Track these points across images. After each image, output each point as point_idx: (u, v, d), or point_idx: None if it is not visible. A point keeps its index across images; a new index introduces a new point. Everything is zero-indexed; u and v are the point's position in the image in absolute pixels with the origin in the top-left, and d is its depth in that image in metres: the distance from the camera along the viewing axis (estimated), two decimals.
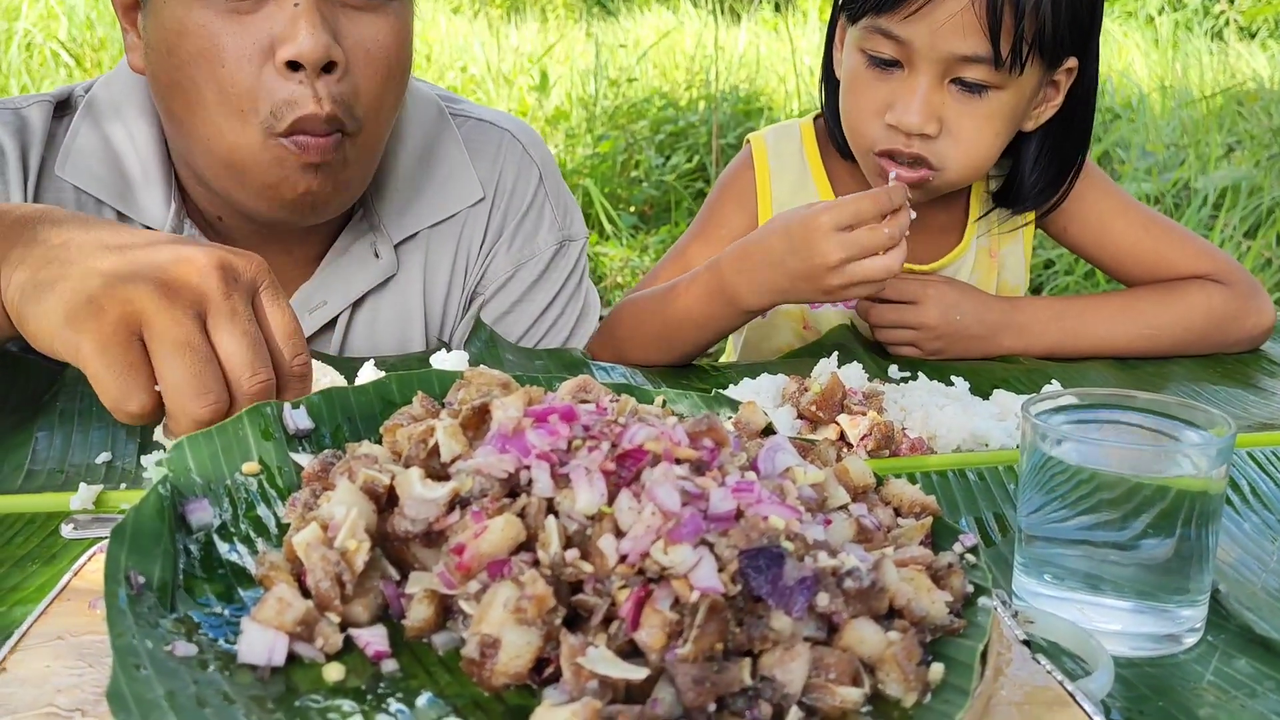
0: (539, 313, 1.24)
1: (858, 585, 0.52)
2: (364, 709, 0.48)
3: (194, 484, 0.59)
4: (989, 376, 1.11)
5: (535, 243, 1.24)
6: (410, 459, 0.58)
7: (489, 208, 1.22)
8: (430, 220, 1.19)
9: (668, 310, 1.17)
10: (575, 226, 1.27)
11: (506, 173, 1.23)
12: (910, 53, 1.13)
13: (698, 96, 5.14)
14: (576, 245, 1.27)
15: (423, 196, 1.19)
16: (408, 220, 1.18)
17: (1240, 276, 1.27)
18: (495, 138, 1.25)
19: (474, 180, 1.21)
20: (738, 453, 0.60)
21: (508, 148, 1.24)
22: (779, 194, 1.36)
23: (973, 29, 1.10)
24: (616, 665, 0.48)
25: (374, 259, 1.16)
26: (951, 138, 1.16)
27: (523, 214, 1.24)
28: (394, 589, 0.55)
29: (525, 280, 1.24)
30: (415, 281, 1.19)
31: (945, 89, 1.14)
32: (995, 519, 0.78)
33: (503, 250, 1.23)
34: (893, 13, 1.12)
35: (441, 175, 1.20)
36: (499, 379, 0.66)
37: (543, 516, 0.54)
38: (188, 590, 0.54)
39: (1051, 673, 0.55)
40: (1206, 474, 0.61)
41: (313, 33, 0.94)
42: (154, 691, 0.45)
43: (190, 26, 0.96)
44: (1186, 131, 4.49)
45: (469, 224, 1.21)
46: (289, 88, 0.96)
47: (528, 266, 1.23)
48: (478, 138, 1.24)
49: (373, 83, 1.01)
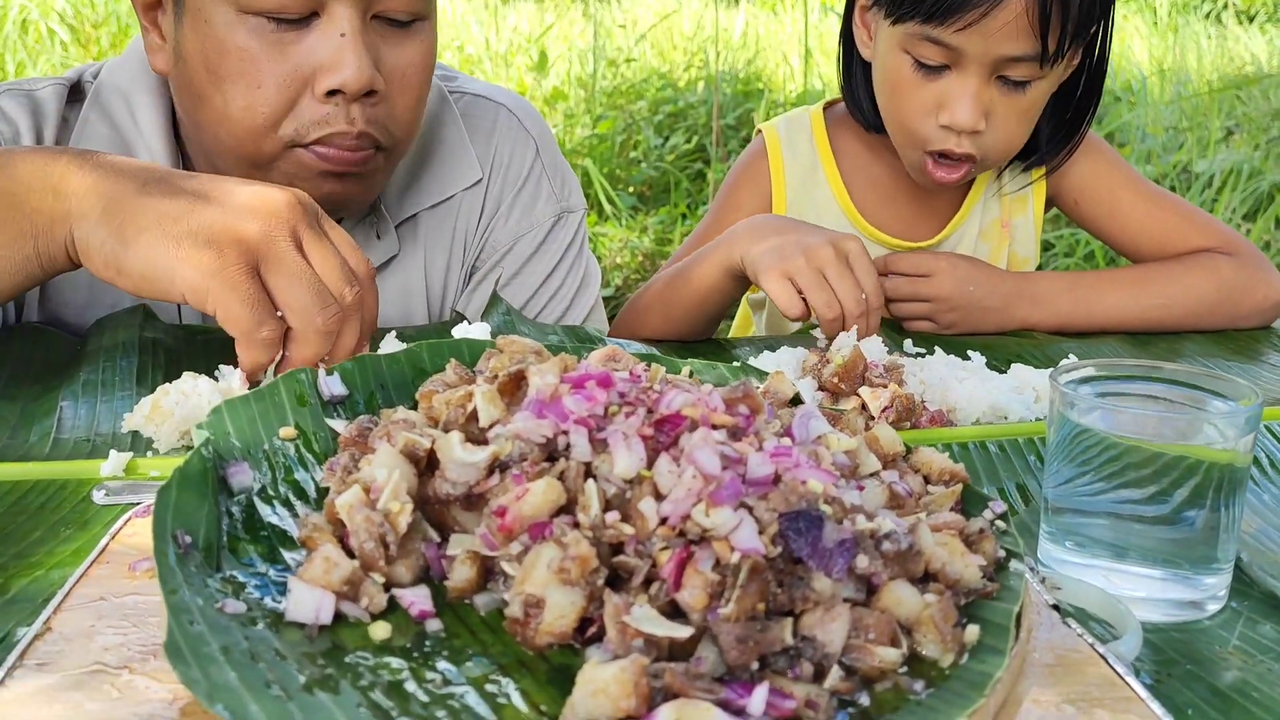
0: (539, 284, 1.25)
1: (895, 548, 0.53)
2: (412, 666, 0.49)
3: (233, 448, 0.60)
4: (1004, 351, 1.12)
5: (533, 215, 1.25)
6: (449, 423, 0.59)
7: (486, 184, 1.23)
8: (429, 202, 1.20)
9: (679, 287, 1.18)
10: (573, 198, 1.28)
11: (502, 148, 1.24)
12: (959, 56, 1.15)
13: (696, 77, 5.13)
14: (575, 217, 1.27)
15: (422, 180, 1.20)
16: (407, 203, 1.19)
17: (1247, 250, 1.29)
18: (491, 113, 1.25)
19: (472, 161, 1.22)
20: (772, 420, 0.61)
21: (504, 123, 1.25)
22: (792, 181, 1.37)
23: (1024, 32, 1.12)
24: (662, 624, 0.48)
25: (375, 240, 1.17)
26: (994, 130, 1.19)
27: (519, 188, 1.24)
28: (435, 551, 0.56)
29: (523, 252, 1.24)
30: (416, 260, 1.21)
31: (992, 85, 1.17)
32: (1018, 489, 0.79)
33: (500, 224, 1.24)
34: (945, 25, 1.13)
35: (440, 157, 1.21)
36: (531, 346, 0.67)
37: (582, 480, 0.55)
38: (232, 551, 0.55)
39: (1082, 636, 0.56)
40: (1234, 443, 0.62)
41: (358, 63, 0.96)
42: (209, 645, 0.46)
43: (231, 47, 0.96)
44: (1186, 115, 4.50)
45: (466, 201, 1.22)
46: (323, 110, 0.98)
47: (526, 238, 1.24)
48: (474, 113, 1.24)
49: (407, 103, 1.03)
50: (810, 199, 1.37)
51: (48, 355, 0.97)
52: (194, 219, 0.77)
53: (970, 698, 0.48)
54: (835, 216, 1.36)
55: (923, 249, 1.34)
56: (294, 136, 0.98)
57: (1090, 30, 1.17)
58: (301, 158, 0.99)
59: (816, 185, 1.37)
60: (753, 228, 1.12)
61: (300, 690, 0.45)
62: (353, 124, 0.98)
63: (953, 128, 1.17)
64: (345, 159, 0.99)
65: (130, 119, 1.10)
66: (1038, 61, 1.14)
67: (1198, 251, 1.29)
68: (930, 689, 0.49)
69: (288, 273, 0.77)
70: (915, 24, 1.15)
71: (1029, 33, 1.12)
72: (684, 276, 1.17)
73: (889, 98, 1.24)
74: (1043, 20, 1.11)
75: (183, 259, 0.76)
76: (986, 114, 1.17)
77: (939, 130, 1.19)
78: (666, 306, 1.19)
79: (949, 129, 1.18)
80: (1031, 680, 0.53)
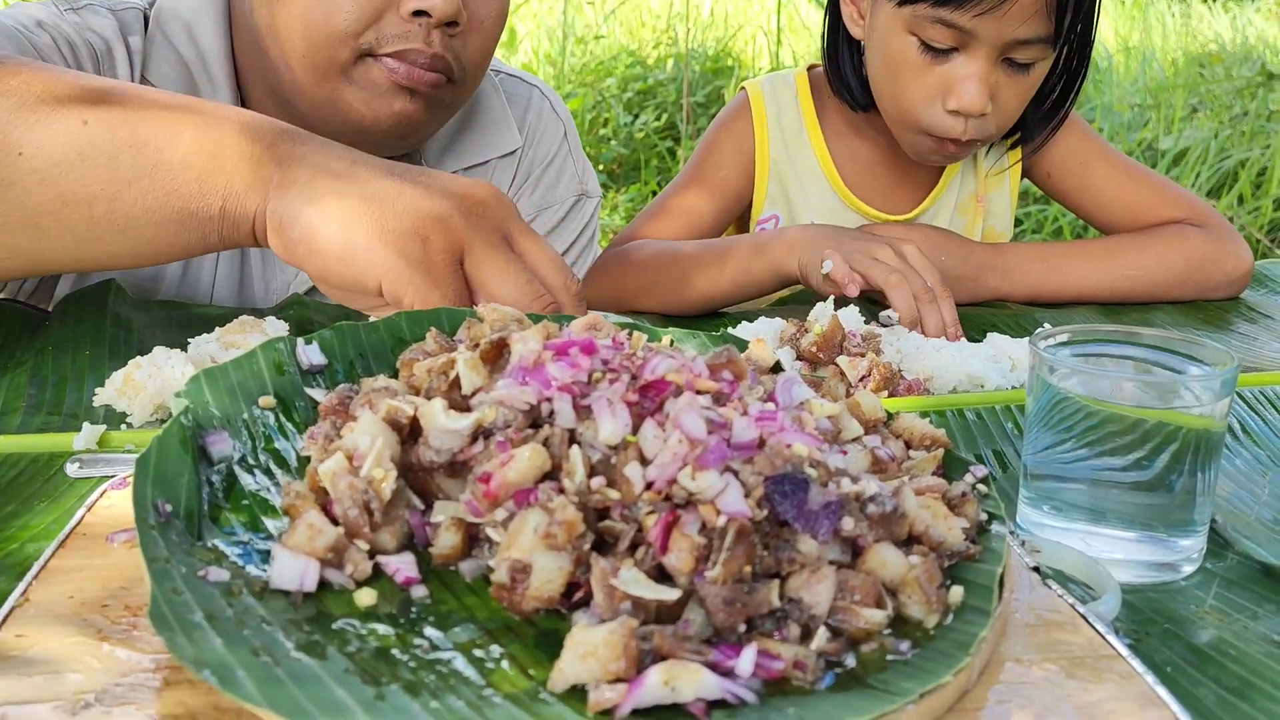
0: None
1: (880, 510, 0.53)
2: (399, 632, 0.48)
3: (212, 417, 0.59)
4: (978, 322, 1.13)
5: (556, 191, 1.29)
6: (431, 391, 0.59)
7: (520, 154, 1.27)
8: (468, 162, 1.23)
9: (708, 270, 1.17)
10: (591, 185, 1.32)
11: (535, 124, 1.29)
12: (970, 39, 1.13)
13: (666, 55, 5.11)
14: (592, 203, 1.31)
15: (464, 140, 1.23)
16: (448, 160, 1.22)
17: (1217, 221, 1.30)
18: (526, 91, 1.31)
19: (513, 130, 1.26)
20: (755, 386, 0.61)
21: (537, 102, 1.30)
22: (775, 141, 1.36)
23: (1040, 14, 1.11)
24: (650, 587, 0.48)
25: None
26: (997, 112, 1.18)
27: (547, 164, 1.29)
28: (419, 518, 0.55)
29: (543, 227, 1.28)
30: None
31: (998, 68, 1.16)
32: (995, 456, 0.80)
33: (526, 195, 1.27)
34: (963, 9, 1.11)
35: (483, 122, 1.25)
36: (513, 315, 0.66)
37: (566, 446, 0.55)
38: (213, 520, 0.54)
39: (1062, 597, 0.57)
40: (1210, 407, 0.62)
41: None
42: (193, 613, 0.45)
43: None
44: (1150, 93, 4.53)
45: (501, 168, 1.26)
46: (405, 27, 0.99)
47: (547, 213, 1.28)
48: (511, 89, 1.29)
49: (480, 44, 1.06)
50: (793, 165, 1.36)
51: (16, 330, 0.96)
52: (401, 202, 0.71)
53: (956, 657, 0.48)
54: (820, 186, 1.36)
55: (900, 222, 1.34)
56: (371, 45, 1.00)
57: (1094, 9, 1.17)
58: (373, 69, 1.01)
59: (802, 151, 1.36)
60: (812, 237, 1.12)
61: (288, 656, 0.45)
62: (430, 44, 1.00)
63: (961, 112, 1.16)
64: (417, 76, 1.01)
65: (193, 48, 1.09)
66: (1049, 44, 1.13)
67: (1168, 223, 1.30)
68: (916, 649, 0.50)
69: (497, 263, 0.73)
70: (926, 6, 1.13)
71: (1044, 15, 1.11)
72: (723, 268, 1.16)
73: (890, 81, 1.21)
74: (1060, 2, 1.10)
75: (386, 243, 0.70)
76: (992, 96, 1.16)
77: (945, 115, 1.17)
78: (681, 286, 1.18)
79: (956, 113, 1.16)
80: (1014, 641, 0.53)
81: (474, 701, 0.44)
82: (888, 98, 1.24)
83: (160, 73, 1.08)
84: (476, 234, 0.73)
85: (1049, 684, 0.50)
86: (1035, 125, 1.29)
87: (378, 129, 1.05)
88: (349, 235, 0.71)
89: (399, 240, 0.70)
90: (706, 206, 1.33)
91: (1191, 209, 1.31)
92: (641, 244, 1.26)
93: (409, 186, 0.73)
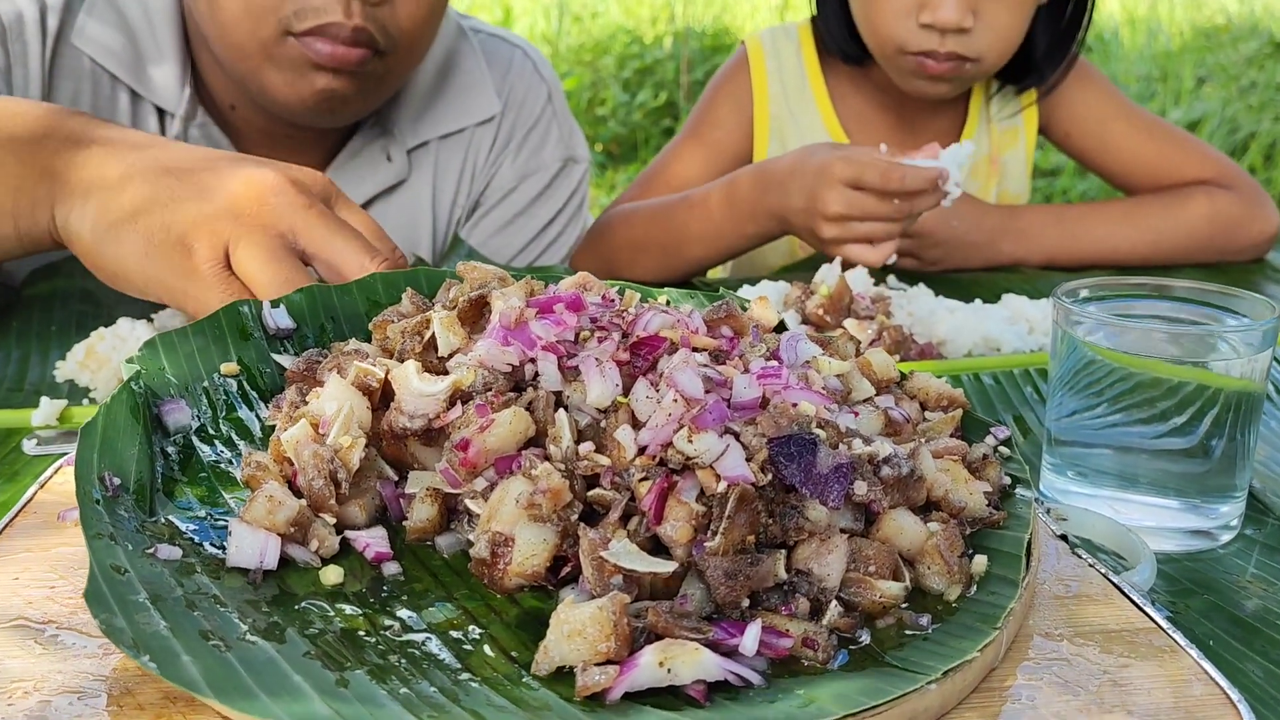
0: (540, 228, 1.23)
1: (895, 473, 0.49)
2: (368, 612, 0.44)
3: (169, 384, 0.55)
4: (991, 287, 1.08)
5: (541, 156, 1.23)
6: (404, 352, 0.54)
7: (499, 119, 1.21)
8: (444, 129, 1.18)
9: (676, 222, 1.12)
10: (579, 149, 1.26)
11: (518, 86, 1.23)
12: None
13: (664, 33, 5.05)
14: (579, 168, 1.26)
15: (438, 106, 1.18)
16: (423, 127, 1.17)
17: (1245, 182, 1.24)
18: (507, 53, 1.24)
19: (491, 96, 1.20)
20: (757, 343, 0.56)
21: (519, 63, 1.24)
22: (776, 98, 1.31)
23: None
24: (643, 559, 0.44)
25: (385, 162, 1.15)
26: (986, 26, 1.13)
27: (530, 127, 1.23)
28: (392, 490, 0.51)
29: (529, 193, 1.22)
30: (425, 187, 1.18)
31: None
32: (1015, 422, 0.75)
33: (508, 160, 1.22)
34: None
35: (459, 86, 1.19)
36: (495, 273, 0.62)
37: (551, 410, 0.50)
38: (167, 494, 0.50)
39: (1093, 566, 0.52)
40: (1251, 361, 0.58)
41: None
42: (137, 593, 0.41)
43: None
44: (1158, 65, 4.46)
45: (479, 134, 1.20)
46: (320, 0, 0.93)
47: (532, 180, 1.22)
48: (491, 51, 1.23)
49: (413, 12, 0.99)
50: (795, 121, 1.31)
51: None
52: (167, 213, 0.69)
53: (982, 631, 0.44)
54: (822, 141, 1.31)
55: None
56: (287, 21, 0.94)
57: None
58: (292, 48, 0.95)
59: (804, 106, 1.31)
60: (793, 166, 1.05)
61: (240, 640, 0.40)
62: (350, 16, 0.93)
63: (936, 25, 1.11)
64: (338, 55, 0.95)
65: (138, 5, 1.04)
66: None
67: (1193, 183, 1.25)
68: (937, 624, 0.45)
69: (327, 228, 0.70)
70: None
71: None
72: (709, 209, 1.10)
73: (862, 4, 1.17)
74: None
75: (152, 258, 0.69)
76: (974, 10, 1.11)
77: (919, 30, 1.12)
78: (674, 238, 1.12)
79: (929, 28, 1.12)
80: (1042, 613, 0.49)
81: (448, 687, 0.40)
82: (863, 20, 1.19)
83: (93, 36, 1.03)
84: (241, 236, 0.68)
85: (1083, 660, 0.45)
86: (1047, 63, 1.24)
87: (303, 109, 1.00)
88: (118, 255, 0.70)
89: (164, 254, 0.69)
90: (702, 168, 1.28)
91: (1219, 169, 1.25)
92: (627, 207, 1.21)
93: (181, 190, 0.70)
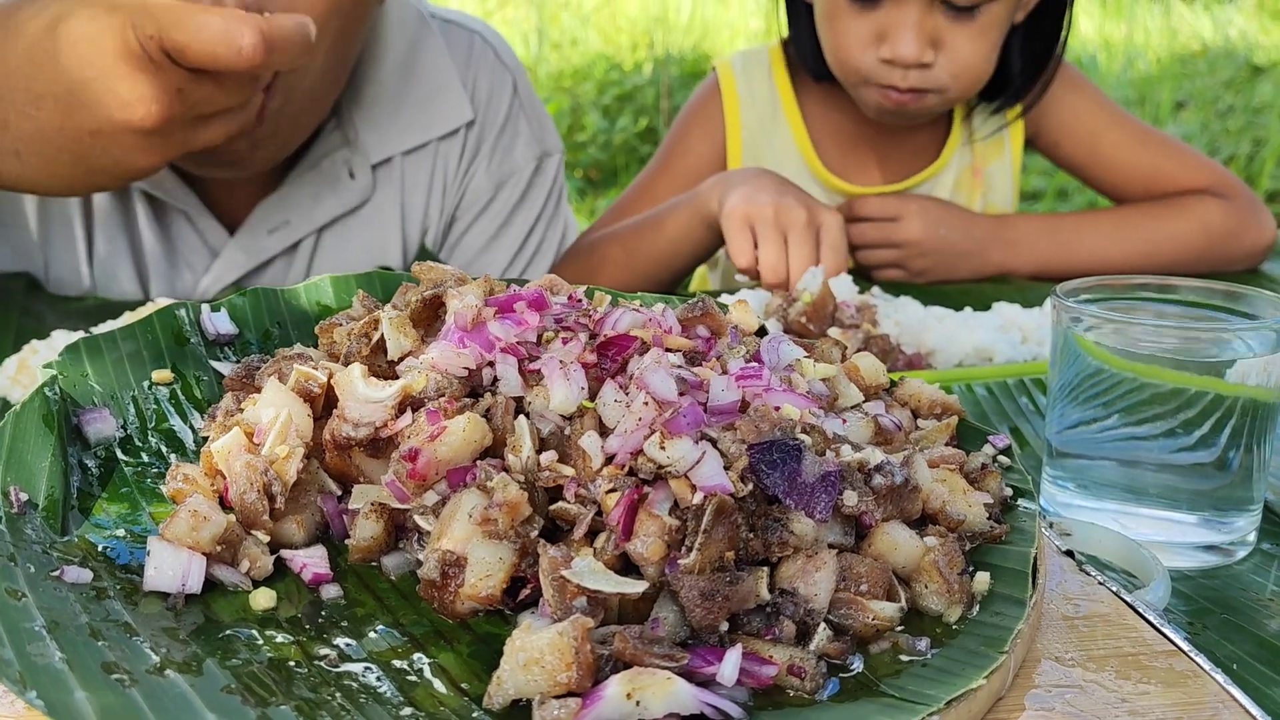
0: (522, 238, 1.14)
1: (888, 483, 0.44)
2: (301, 640, 0.39)
3: (92, 392, 0.50)
4: (981, 298, 1.04)
5: (514, 157, 1.14)
6: (350, 355, 0.49)
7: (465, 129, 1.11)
8: (414, 141, 1.07)
9: (647, 235, 1.10)
10: (550, 139, 1.17)
11: (481, 82, 1.12)
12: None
13: (643, 59, 5.04)
14: (554, 160, 1.17)
15: (405, 113, 1.07)
16: (390, 138, 1.06)
17: (1241, 191, 1.21)
18: (465, 41, 1.13)
19: (460, 97, 1.10)
20: (736, 344, 0.52)
21: (479, 53, 1.13)
22: (749, 123, 1.28)
23: None
24: (610, 579, 0.39)
25: (348, 179, 1.04)
26: (949, 59, 1.10)
27: (500, 128, 1.13)
28: (334, 505, 0.46)
29: (507, 202, 1.13)
30: (392, 207, 1.08)
31: (935, 11, 1.08)
32: (1011, 434, 0.71)
33: (482, 167, 1.12)
34: None
35: (427, 89, 1.09)
36: (453, 273, 0.57)
37: (511, 417, 0.46)
38: (83, 510, 0.45)
39: (1104, 584, 0.48)
40: (1266, 362, 0.54)
41: None
42: (32, 620, 0.36)
43: None
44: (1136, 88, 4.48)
45: (443, 149, 1.11)
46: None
47: (508, 186, 1.13)
48: (451, 39, 1.12)
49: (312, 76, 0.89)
50: (769, 143, 1.28)
51: None
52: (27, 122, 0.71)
53: (987, 656, 0.40)
54: (794, 163, 1.27)
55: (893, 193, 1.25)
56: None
57: None
58: None
59: (776, 128, 1.28)
60: (733, 178, 1.04)
61: (150, 672, 0.35)
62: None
63: (895, 61, 1.09)
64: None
65: None
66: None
67: (1188, 192, 1.22)
68: (936, 648, 0.41)
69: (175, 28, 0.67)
70: None
71: None
72: (655, 224, 1.09)
73: (828, 32, 1.16)
74: None
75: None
76: (935, 44, 1.09)
77: (880, 65, 1.11)
78: (629, 255, 1.10)
79: (891, 63, 1.10)
80: (1051, 636, 0.44)
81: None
82: (829, 51, 1.17)
83: None
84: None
85: (1098, 687, 0.41)
86: (1023, 81, 1.21)
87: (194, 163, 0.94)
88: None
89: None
90: (673, 195, 1.24)
91: (1214, 178, 1.22)
92: (590, 235, 1.18)
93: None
